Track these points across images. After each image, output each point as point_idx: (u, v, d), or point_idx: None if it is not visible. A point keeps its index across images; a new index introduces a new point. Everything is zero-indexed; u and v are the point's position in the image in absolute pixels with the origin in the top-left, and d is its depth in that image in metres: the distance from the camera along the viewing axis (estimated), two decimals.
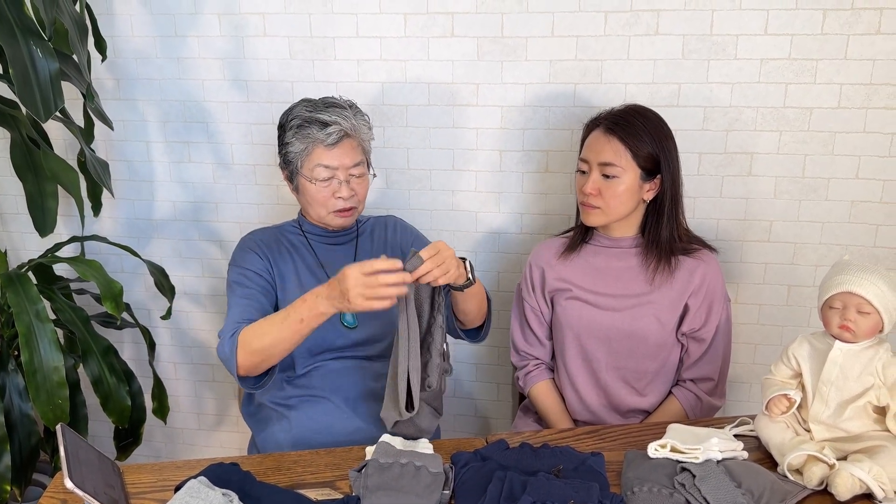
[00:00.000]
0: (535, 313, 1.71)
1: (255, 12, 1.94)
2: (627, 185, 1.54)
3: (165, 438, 2.43)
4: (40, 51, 1.48)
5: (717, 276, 1.60)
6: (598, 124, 1.58)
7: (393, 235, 1.71)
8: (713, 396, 1.63)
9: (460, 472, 1.23)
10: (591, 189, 1.55)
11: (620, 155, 1.52)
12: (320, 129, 1.50)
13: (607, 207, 1.56)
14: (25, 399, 1.77)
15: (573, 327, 1.63)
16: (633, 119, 1.54)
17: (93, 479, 1.12)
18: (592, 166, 1.55)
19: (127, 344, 2.33)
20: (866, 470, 1.13)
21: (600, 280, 1.62)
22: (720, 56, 1.79)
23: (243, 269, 1.57)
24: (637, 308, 1.58)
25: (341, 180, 1.53)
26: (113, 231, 2.21)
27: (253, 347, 1.40)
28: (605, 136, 1.55)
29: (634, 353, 1.60)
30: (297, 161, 1.53)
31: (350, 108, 1.55)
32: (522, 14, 1.84)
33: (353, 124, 1.52)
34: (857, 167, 1.82)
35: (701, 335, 1.60)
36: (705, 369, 1.62)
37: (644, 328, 1.58)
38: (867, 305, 1.20)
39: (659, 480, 1.18)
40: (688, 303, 1.58)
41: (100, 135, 2.08)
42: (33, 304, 1.65)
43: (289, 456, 1.34)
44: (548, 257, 1.69)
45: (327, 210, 1.56)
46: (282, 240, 1.64)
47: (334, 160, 1.51)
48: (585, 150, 1.59)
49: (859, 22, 1.71)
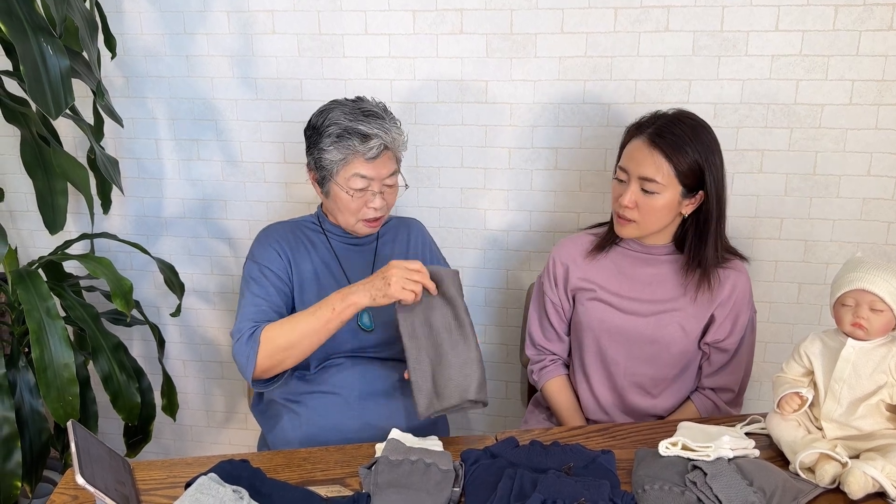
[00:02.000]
0: (555, 308, 1.67)
1: (263, 10, 1.95)
2: (666, 202, 1.46)
3: (174, 436, 2.44)
4: (51, 48, 1.48)
5: (746, 286, 1.55)
6: (641, 132, 1.48)
7: (415, 241, 1.71)
8: (731, 406, 1.60)
9: (470, 469, 1.23)
10: (629, 202, 1.47)
11: (662, 171, 1.44)
12: (361, 141, 1.47)
13: (643, 222, 1.49)
14: (36, 396, 1.78)
15: (594, 329, 1.60)
16: (680, 131, 1.45)
17: (104, 475, 1.12)
18: (632, 177, 1.47)
19: (136, 341, 2.34)
20: (879, 468, 1.13)
21: (626, 284, 1.58)
22: (731, 52, 1.78)
23: (261, 266, 1.56)
24: (662, 315, 1.54)
25: (375, 192, 1.52)
26: (122, 228, 2.21)
27: (277, 344, 1.41)
28: (647, 147, 1.45)
29: (655, 360, 1.56)
30: (333, 168, 1.51)
31: (385, 113, 1.53)
32: (532, 10, 1.83)
33: (392, 138, 1.51)
34: (868, 164, 1.81)
35: (724, 346, 1.56)
36: (726, 380, 1.58)
37: (668, 336, 1.54)
38: (880, 303, 1.19)
39: (670, 478, 1.17)
40: (714, 313, 1.54)
41: (109, 132, 2.08)
42: (44, 301, 1.65)
43: (299, 453, 1.34)
44: (574, 255, 1.64)
45: (357, 219, 1.56)
46: (301, 237, 1.63)
47: (372, 171, 1.50)
48: (625, 158, 1.50)
49: (871, 18, 1.70)
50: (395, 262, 1.36)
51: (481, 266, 2.09)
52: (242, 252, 2.18)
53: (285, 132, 2.05)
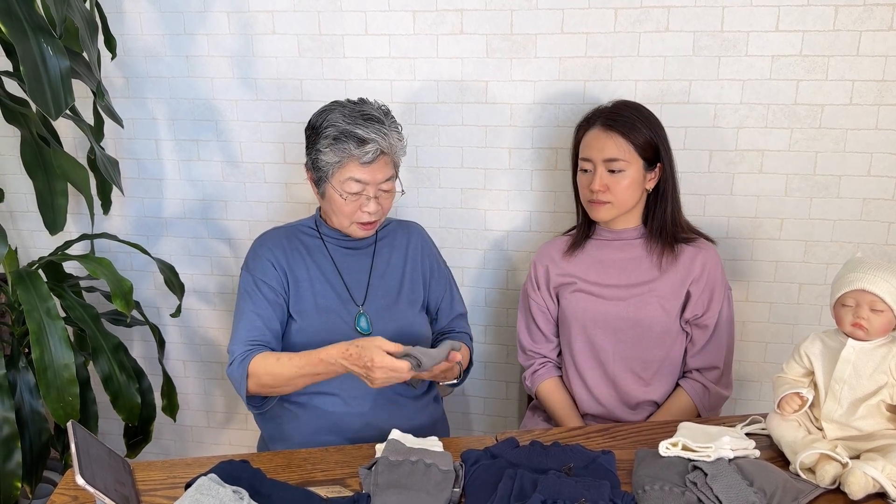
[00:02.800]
0: (541, 310, 1.73)
1: (263, 10, 1.95)
2: (633, 178, 1.58)
3: (174, 436, 2.44)
4: (51, 48, 1.49)
5: (717, 264, 1.63)
6: (592, 123, 1.62)
7: (415, 246, 1.70)
8: (720, 385, 1.64)
9: (470, 469, 1.23)
10: (600, 186, 1.58)
11: (623, 149, 1.57)
12: (357, 145, 1.47)
13: (617, 201, 1.59)
14: (36, 396, 1.78)
15: (579, 319, 1.65)
16: (628, 113, 1.59)
17: (104, 475, 1.12)
18: (597, 164, 1.59)
19: (136, 342, 2.34)
20: (880, 469, 1.12)
21: (604, 272, 1.66)
22: (731, 53, 1.78)
23: (256, 279, 1.56)
24: (641, 297, 1.61)
25: (370, 196, 1.52)
26: (122, 229, 2.21)
27: (263, 382, 1.47)
28: (604, 132, 1.59)
29: (641, 341, 1.62)
30: (329, 171, 1.51)
31: (386, 117, 1.52)
32: (532, 11, 1.83)
33: (389, 143, 1.50)
34: (868, 164, 1.81)
35: (704, 321, 1.62)
36: (710, 357, 1.64)
37: (649, 316, 1.60)
38: (880, 303, 1.19)
39: (670, 479, 1.17)
40: (689, 290, 1.61)
41: (109, 133, 2.08)
42: (44, 302, 1.65)
43: (299, 453, 1.34)
44: (552, 255, 1.73)
45: (350, 221, 1.55)
46: (296, 243, 1.62)
47: (367, 175, 1.50)
48: (585, 149, 1.63)
49: (872, 18, 1.70)
50: (378, 363, 1.30)
51: (481, 266, 2.09)
52: (242, 252, 2.18)
53: (285, 133, 2.05)
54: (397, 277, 1.65)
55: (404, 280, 1.66)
